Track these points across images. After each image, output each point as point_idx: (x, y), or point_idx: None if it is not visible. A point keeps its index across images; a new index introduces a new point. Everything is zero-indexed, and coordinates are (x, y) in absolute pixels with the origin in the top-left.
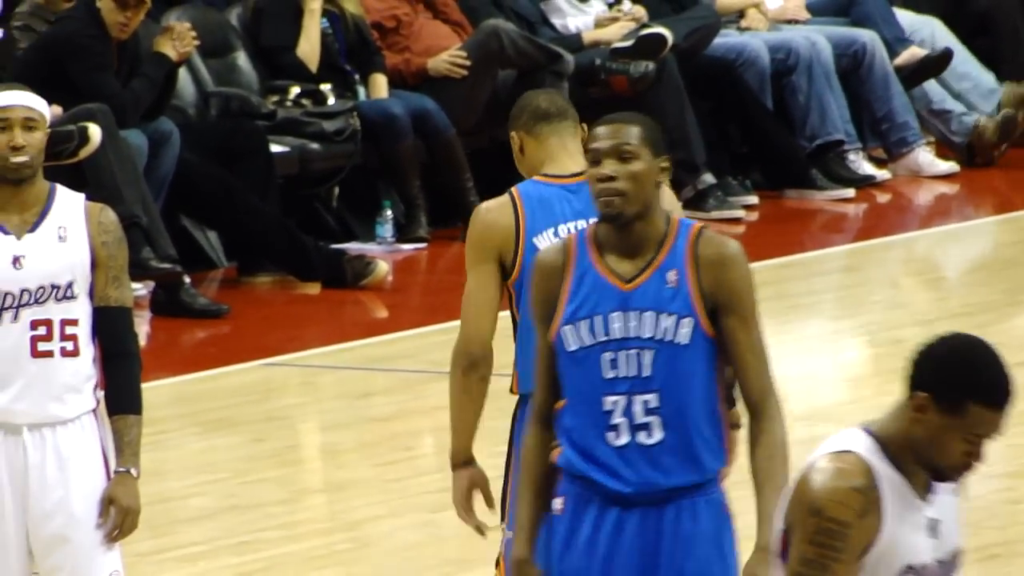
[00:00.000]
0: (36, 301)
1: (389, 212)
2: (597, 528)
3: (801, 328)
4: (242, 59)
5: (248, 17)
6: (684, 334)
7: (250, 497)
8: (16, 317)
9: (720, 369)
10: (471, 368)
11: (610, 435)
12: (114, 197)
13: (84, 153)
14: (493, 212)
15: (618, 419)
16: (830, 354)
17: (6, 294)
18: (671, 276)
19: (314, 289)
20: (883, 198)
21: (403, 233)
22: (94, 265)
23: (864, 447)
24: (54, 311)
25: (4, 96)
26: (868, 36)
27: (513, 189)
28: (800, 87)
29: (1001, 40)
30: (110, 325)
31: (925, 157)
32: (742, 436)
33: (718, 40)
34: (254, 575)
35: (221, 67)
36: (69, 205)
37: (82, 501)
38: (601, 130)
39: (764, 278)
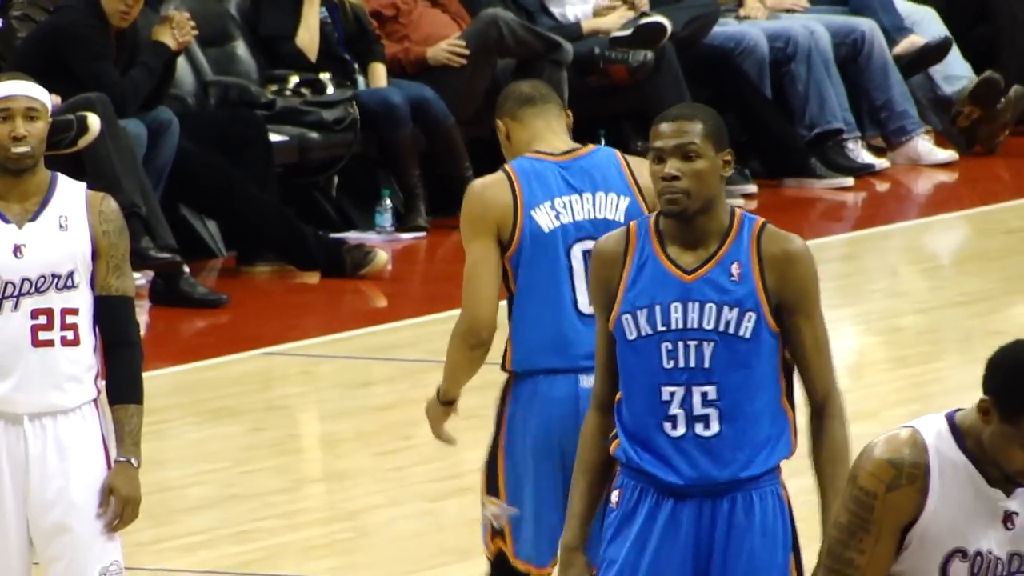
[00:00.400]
0: (37, 290)
1: (388, 201)
2: (651, 519)
3: None
4: (241, 48)
5: (247, 6)
6: (747, 328)
7: (250, 486)
8: (17, 306)
9: (783, 364)
10: (479, 346)
11: (667, 425)
12: (113, 186)
13: (83, 142)
14: (490, 188)
15: (675, 410)
16: (830, 342)
17: (7, 283)
18: (735, 269)
19: (313, 278)
20: (882, 187)
21: (402, 222)
22: (95, 254)
23: (932, 428)
24: (55, 300)
25: (6, 86)
26: (867, 25)
27: (506, 166)
28: (799, 76)
29: (999, 29)
30: (111, 314)
31: (924, 146)
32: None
33: (717, 29)
34: (254, 564)
35: (220, 56)
36: (70, 194)
37: (82, 491)
38: (664, 127)
39: None
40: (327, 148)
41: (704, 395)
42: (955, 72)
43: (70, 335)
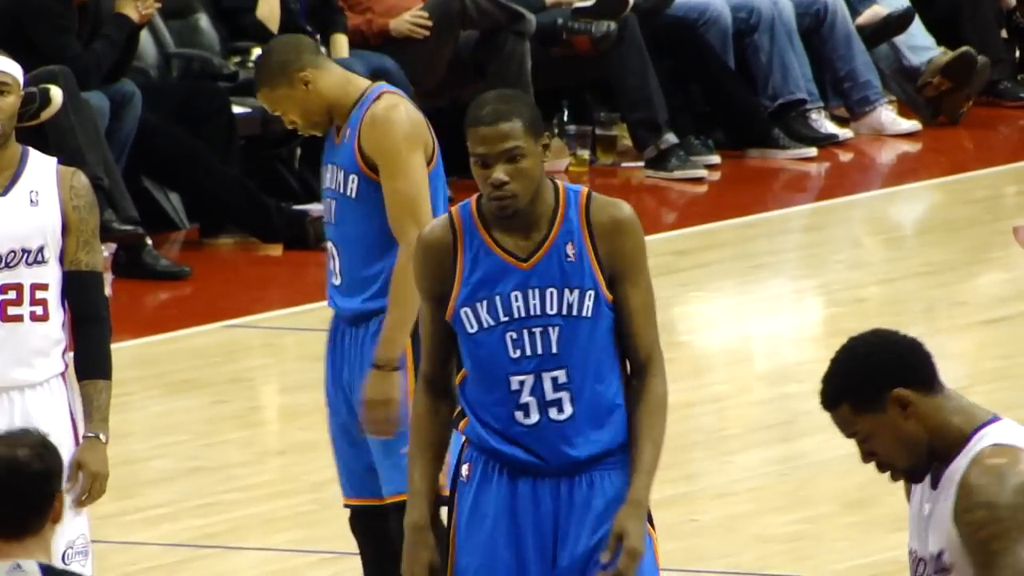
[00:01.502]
0: (7, 265)
1: None
2: (510, 496)
3: (764, 287)
4: (203, 20)
5: None
6: (588, 307)
7: (213, 459)
8: None
9: (619, 331)
10: None
11: (519, 414)
12: (76, 159)
13: (46, 115)
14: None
15: (527, 398)
16: (793, 313)
17: None
18: (569, 249)
19: (276, 251)
20: (845, 157)
21: None
22: (65, 229)
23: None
24: (25, 275)
25: None
26: None
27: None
28: (762, 46)
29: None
30: (80, 289)
31: (887, 116)
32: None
33: None
34: (217, 536)
35: (183, 28)
36: (41, 169)
37: None
38: (485, 132)
39: (726, 237)
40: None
41: (555, 380)
42: (919, 43)
43: (39, 310)
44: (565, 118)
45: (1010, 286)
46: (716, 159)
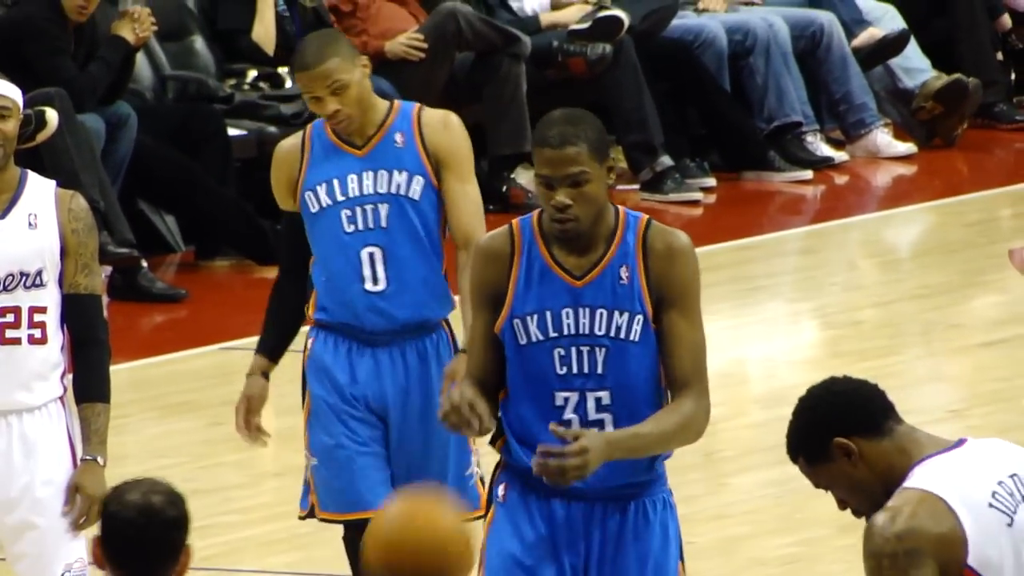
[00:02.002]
0: (5, 288)
1: None
2: (545, 518)
3: (759, 310)
4: (199, 42)
5: (205, 1)
6: (636, 331)
7: (209, 481)
8: None
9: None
10: None
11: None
12: (71, 181)
13: (41, 137)
14: None
15: (570, 415)
16: (788, 336)
17: None
18: (623, 272)
19: (272, 272)
20: (841, 180)
21: None
22: (64, 252)
23: None
24: (23, 298)
25: None
26: (826, 17)
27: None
28: (758, 69)
29: (957, 22)
30: (79, 312)
31: (883, 138)
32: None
33: (676, 22)
34: (214, 559)
35: (178, 50)
36: (40, 192)
37: (48, 488)
38: (550, 154)
39: (722, 260)
40: None
41: (598, 400)
42: (915, 65)
43: (37, 333)
44: None
45: (1006, 309)
46: (712, 182)
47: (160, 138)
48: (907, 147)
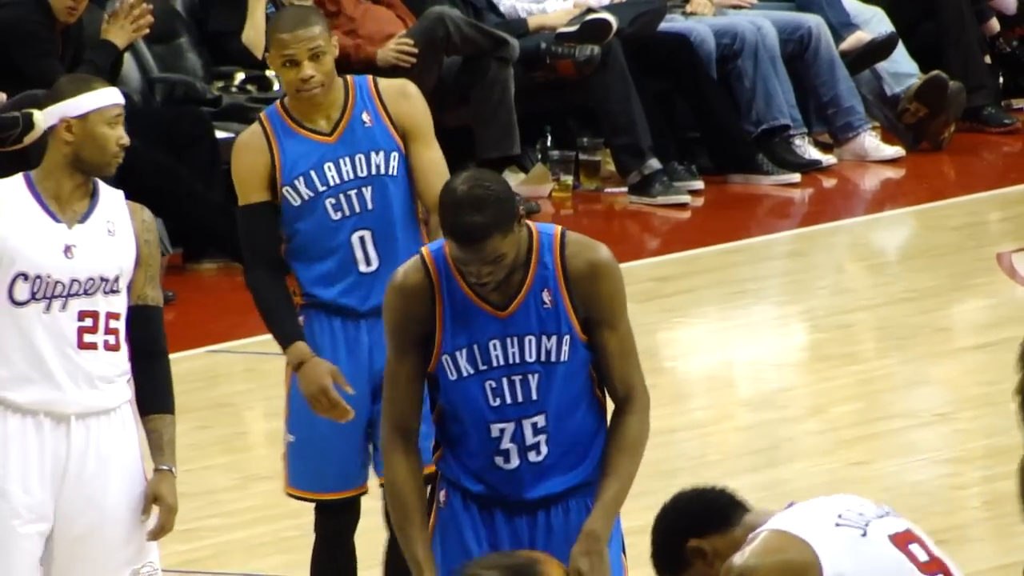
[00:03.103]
0: (85, 292)
1: None
2: (488, 526)
3: (747, 313)
4: (187, 45)
5: (194, 3)
6: (565, 351)
7: (196, 484)
8: (65, 306)
9: (593, 362)
10: None
11: (499, 459)
12: None
13: (29, 140)
14: None
15: (507, 444)
16: (776, 339)
17: (57, 282)
18: (546, 297)
19: None
20: (829, 183)
21: None
22: (137, 262)
23: None
24: (101, 304)
25: (115, 93)
26: (814, 21)
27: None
28: (746, 72)
29: (946, 26)
30: (146, 324)
31: (871, 142)
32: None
33: (664, 25)
34: (200, 562)
35: (166, 53)
36: (113, 200)
37: (117, 495)
38: (468, 252)
39: (710, 263)
40: None
41: (534, 425)
42: (902, 69)
43: (112, 339)
44: (548, 143)
45: (993, 312)
46: (699, 185)
47: (147, 141)
48: (895, 150)
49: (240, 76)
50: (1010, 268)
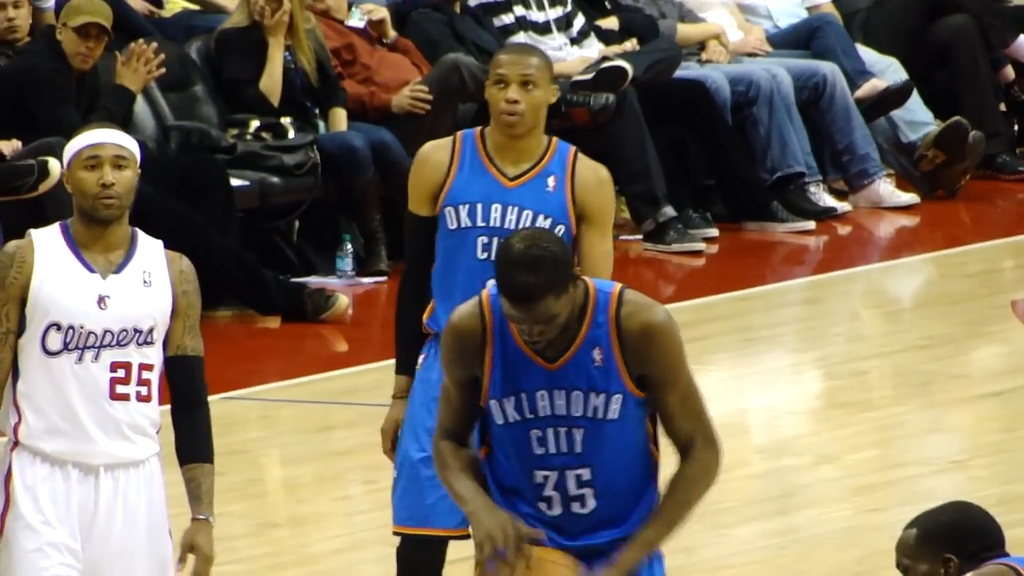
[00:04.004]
0: (118, 343)
1: (349, 246)
2: None
3: (762, 360)
4: (202, 93)
5: (208, 50)
6: (614, 410)
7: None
8: (97, 357)
9: (649, 415)
10: None
11: (542, 505)
12: None
13: (44, 187)
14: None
15: (550, 492)
16: (791, 386)
17: (90, 333)
18: (596, 355)
19: (274, 323)
20: (844, 230)
21: (363, 267)
22: (174, 313)
23: None
24: (134, 355)
25: (95, 134)
26: (829, 68)
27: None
28: (761, 119)
29: (960, 73)
30: (185, 374)
31: (886, 188)
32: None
33: (679, 73)
34: None
35: (181, 101)
36: (151, 250)
37: (143, 550)
38: (520, 311)
39: (724, 311)
40: (288, 193)
41: (578, 477)
42: (918, 118)
43: (144, 391)
44: None
45: (1008, 360)
46: (714, 232)
47: (162, 188)
48: (910, 197)
49: (255, 124)
50: None
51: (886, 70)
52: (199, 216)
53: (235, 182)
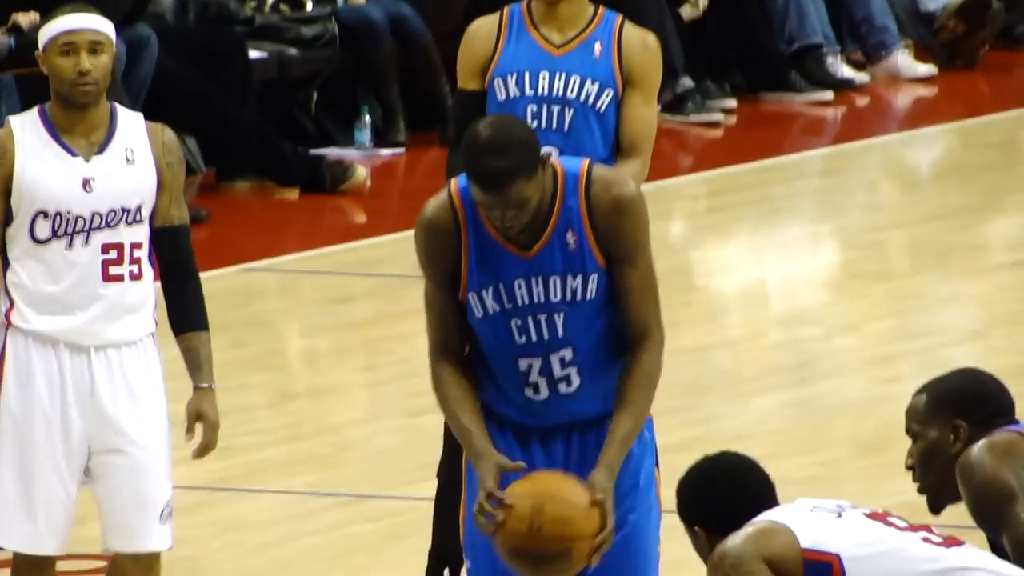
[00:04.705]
0: (107, 225)
1: (367, 117)
2: (523, 455)
3: (780, 231)
4: None
5: None
6: (592, 289)
7: (230, 402)
8: (87, 241)
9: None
10: None
11: (528, 391)
12: None
13: None
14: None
15: (535, 378)
16: (809, 257)
17: (77, 217)
18: (570, 238)
19: (293, 194)
20: (862, 101)
21: (381, 138)
22: (159, 187)
23: None
24: (124, 234)
25: (70, 19)
26: None
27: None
28: None
29: None
30: (174, 244)
31: (904, 60)
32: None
33: None
34: (234, 479)
35: None
36: (131, 126)
37: (148, 425)
38: (490, 196)
39: (743, 181)
40: (306, 64)
41: (562, 359)
42: None
43: (136, 269)
44: None
45: None
46: (732, 103)
47: (181, 60)
48: (928, 68)
49: None
50: None
51: None
52: (217, 88)
53: (253, 54)
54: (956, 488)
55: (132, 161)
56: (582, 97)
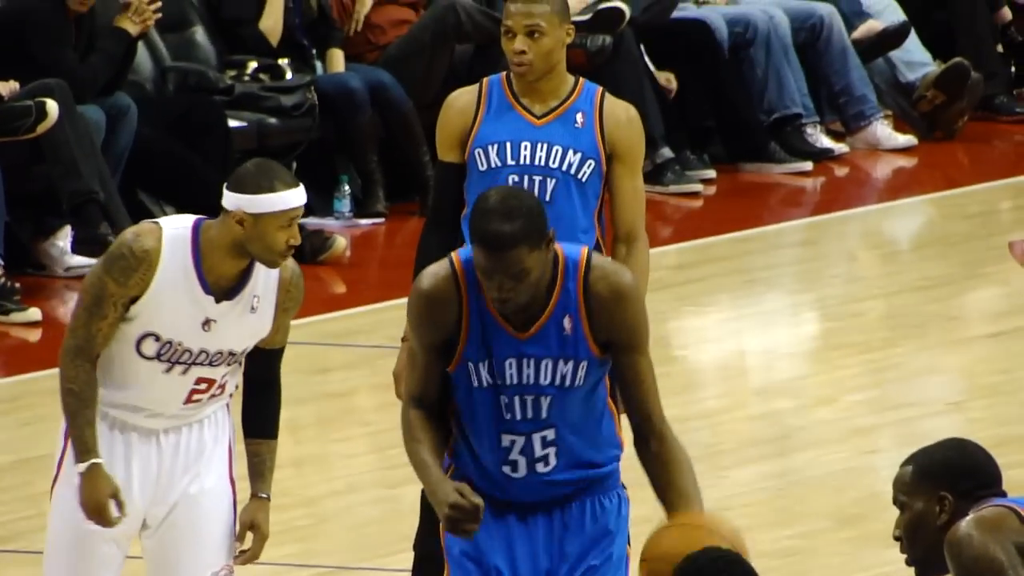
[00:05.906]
0: (210, 363)
1: (347, 187)
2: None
3: (759, 302)
4: (200, 34)
5: None
6: (581, 376)
7: None
8: (186, 372)
9: (609, 373)
10: None
11: (506, 468)
12: (71, 172)
13: (41, 128)
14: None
15: (516, 456)
16: (788, 328)
17: (186, 350)
18: (567, 323)
19: None
20: (841, 172)
21: (361, 208)
22: (273, 328)
23: None
24: (221, 372)
25: (296, 195)
26: (826, 9)
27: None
28: (758, 61)
29: (957, 15)
30: (266, 360)
31: (883, 130)
32: None
33: (676, 13)
34: None
35: (179, 42)
36: (265, 273)
37: (209, 494)
38: (493, 260)
39: (722, 252)
40: (286, 133)
41: (543, 438)
42: (915, 58)
43: (219, 391)
44: None
45: (1006, 301)
46: (712, 173)
47: (160, 129)
48: (907, 139)
49: (253, 65)
50: (1022, 256)
51: (883, 11)
52: (197, 157)
53: (233, 123)
54: (943, 560)
55: (255, 310)
56: (564, 167)
